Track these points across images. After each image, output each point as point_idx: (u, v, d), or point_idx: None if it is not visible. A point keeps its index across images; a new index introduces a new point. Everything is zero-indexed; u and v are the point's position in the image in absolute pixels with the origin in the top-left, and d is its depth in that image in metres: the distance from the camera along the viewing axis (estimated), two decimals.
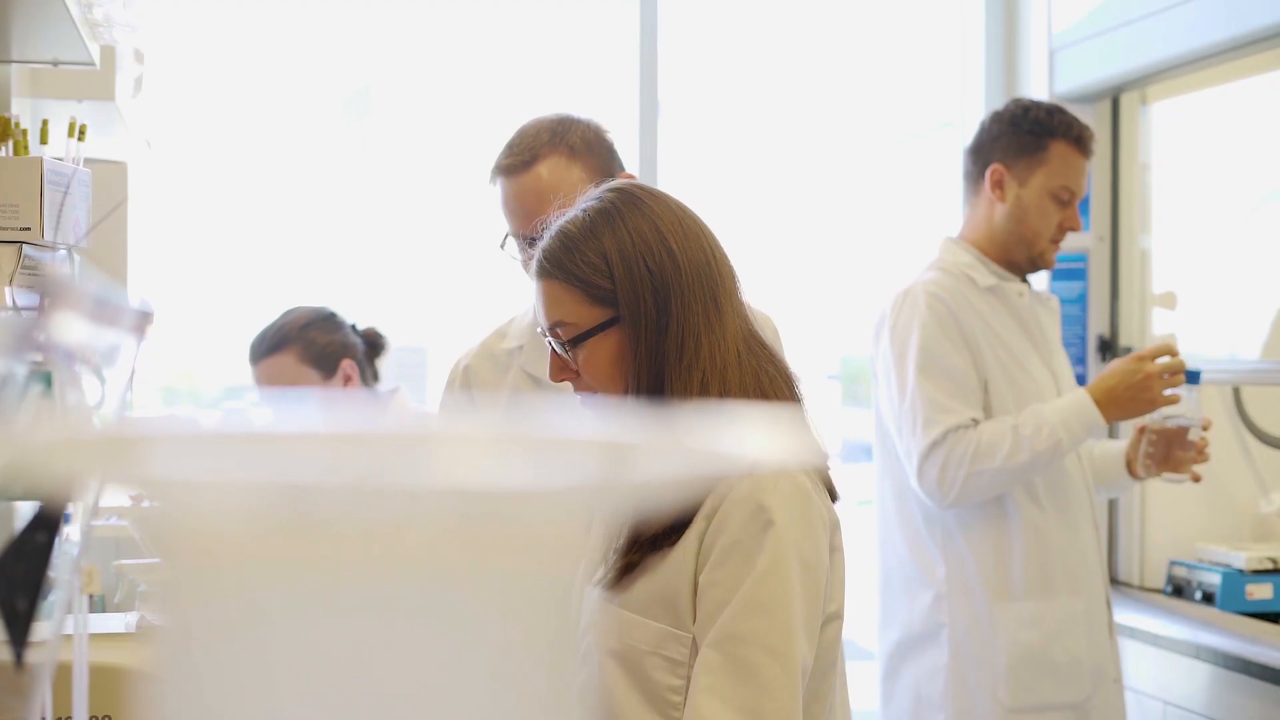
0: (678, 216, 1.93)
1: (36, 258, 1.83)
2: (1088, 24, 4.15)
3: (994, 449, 3.10)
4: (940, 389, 3.15)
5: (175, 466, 0.64)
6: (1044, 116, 3.28)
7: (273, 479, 0.57)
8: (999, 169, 3.27)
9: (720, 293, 1.92)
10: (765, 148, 4.88)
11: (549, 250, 1.94)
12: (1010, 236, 3.29)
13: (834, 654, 1.95)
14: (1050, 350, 3.37)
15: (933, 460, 3.12)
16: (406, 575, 0.58)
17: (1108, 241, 4.28)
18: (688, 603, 1.87)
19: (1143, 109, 4.23)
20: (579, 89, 4.71)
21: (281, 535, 0.57)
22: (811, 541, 1.86)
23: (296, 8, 4.66)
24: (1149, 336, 4.26)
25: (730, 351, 1.90)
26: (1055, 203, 3.26)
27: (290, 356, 3.42)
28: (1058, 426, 3.12)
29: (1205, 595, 3.77)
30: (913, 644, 3.32)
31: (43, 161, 1.76)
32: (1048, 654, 3.21)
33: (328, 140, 4.68)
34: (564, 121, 2.63)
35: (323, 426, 0.68)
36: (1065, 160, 3.27)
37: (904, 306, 3.24)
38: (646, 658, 1.89)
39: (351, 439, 0.67)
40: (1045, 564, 3.22)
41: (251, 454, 0.66)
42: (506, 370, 2.73)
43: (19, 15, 2.03)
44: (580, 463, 0.64)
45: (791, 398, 1.95)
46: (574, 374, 1.96)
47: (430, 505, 0.57)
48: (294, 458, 0.66)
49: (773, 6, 4.89)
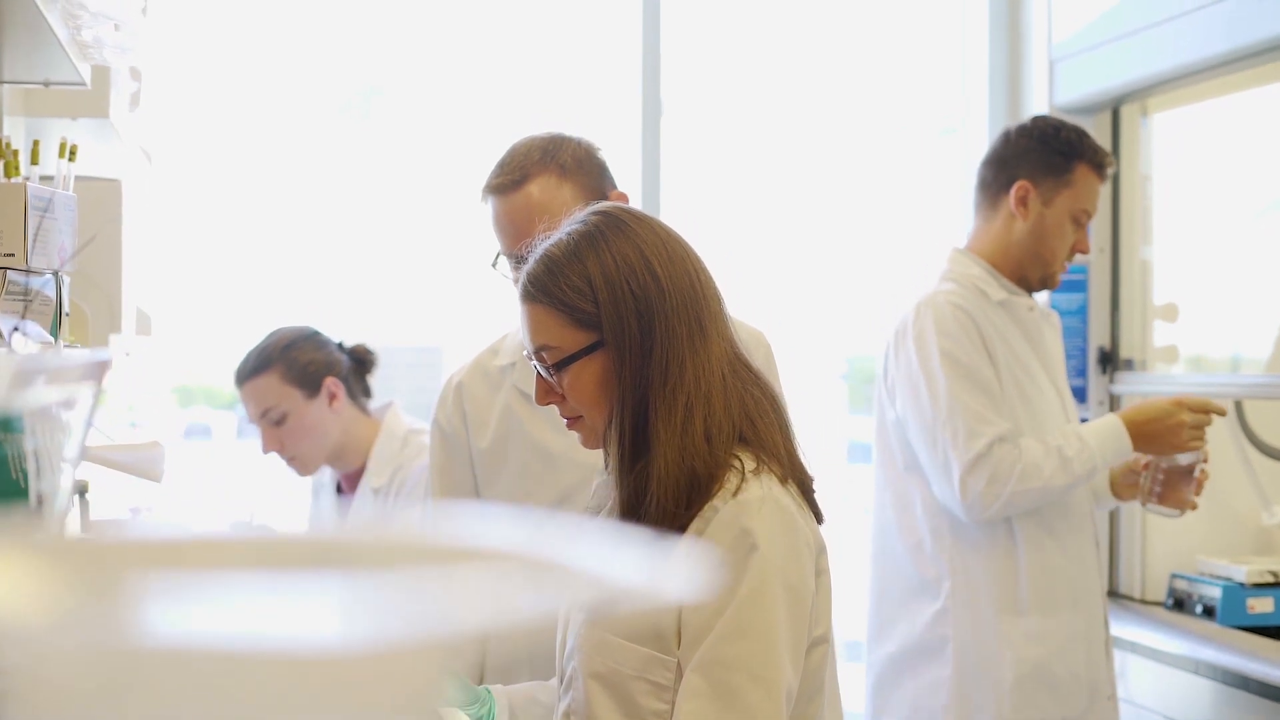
0: (662, 240, 1.93)
1: (22, 282, 1.83)
2: (1088, 35, 4.14)
3: (1039, 468, 3.11)
4: (977, 400, 3.15)
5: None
6: (1075, 138, 3.27)
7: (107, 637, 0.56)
8: (1025, 186, 3.26)
9: (705, 316, 1.92)
10: (768, 150, 4.87)
11: (533, 274, 1.94)
12: (1027, 254, 3.28)
13: (820, 678, 1.94)
14: (1054, 366, 3.37)
15: (978, 473, 3.11)
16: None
17: (1108, 253, 4.27)
18: (672, 627, 1.87)
19: (1143, 120, 4.22)
20: (582, 89, 4.72)
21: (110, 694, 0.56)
22: (796, 565, 1.86)
23: (300, 10, 4.67)
24: (1150, 349, 4.26)
25: (715, 375, 1.90)
26: (1073, 224, 3.27)
27: (274, 377, 3.44)
28: (1095, 451, 3.15)
29: (1206, 609, 3.76)
30: (912, 657, 3.30)
31: (26, 187, 1.76)
32: (1050, 670, 3.20)
33: (338, 140, 4.69)
34: (555, 140, 2.63)
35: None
36: (1088, 184, 3.28)
37: (926, 317, 3.21)
38: (631, 682, 1.89)
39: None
40: (1049, 579, 3.21)
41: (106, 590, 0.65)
42: (499, 388, 2.73)
43: (8, 37, 2.04)
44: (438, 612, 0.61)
45: (777, 421, 1.95)
46: (559, 397, 1.96)
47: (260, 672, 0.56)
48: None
49: (777, 9, 4.88)
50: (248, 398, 3.49)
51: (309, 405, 3.46)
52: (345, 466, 3.57)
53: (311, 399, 3.46)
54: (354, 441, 3.53)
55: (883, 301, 4.48)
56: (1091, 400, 4.25)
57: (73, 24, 2.05)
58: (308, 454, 3.51)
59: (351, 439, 3.53)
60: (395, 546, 0.67)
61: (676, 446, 1.85)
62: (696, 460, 1.85)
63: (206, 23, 4.51)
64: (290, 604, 0.61)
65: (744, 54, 4.84)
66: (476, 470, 2.74)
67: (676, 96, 4.62)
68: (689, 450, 1.85)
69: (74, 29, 2.06)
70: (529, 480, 2.69)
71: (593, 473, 2.11)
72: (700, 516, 1.85)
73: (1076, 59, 4.20)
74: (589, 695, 1.92)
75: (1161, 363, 4.26)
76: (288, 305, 4.59)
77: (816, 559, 1.91)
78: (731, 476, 1.86)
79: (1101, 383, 4.27)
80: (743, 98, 4.84)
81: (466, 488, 2.76)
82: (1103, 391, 4.26)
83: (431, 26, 4.69)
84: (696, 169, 4.75)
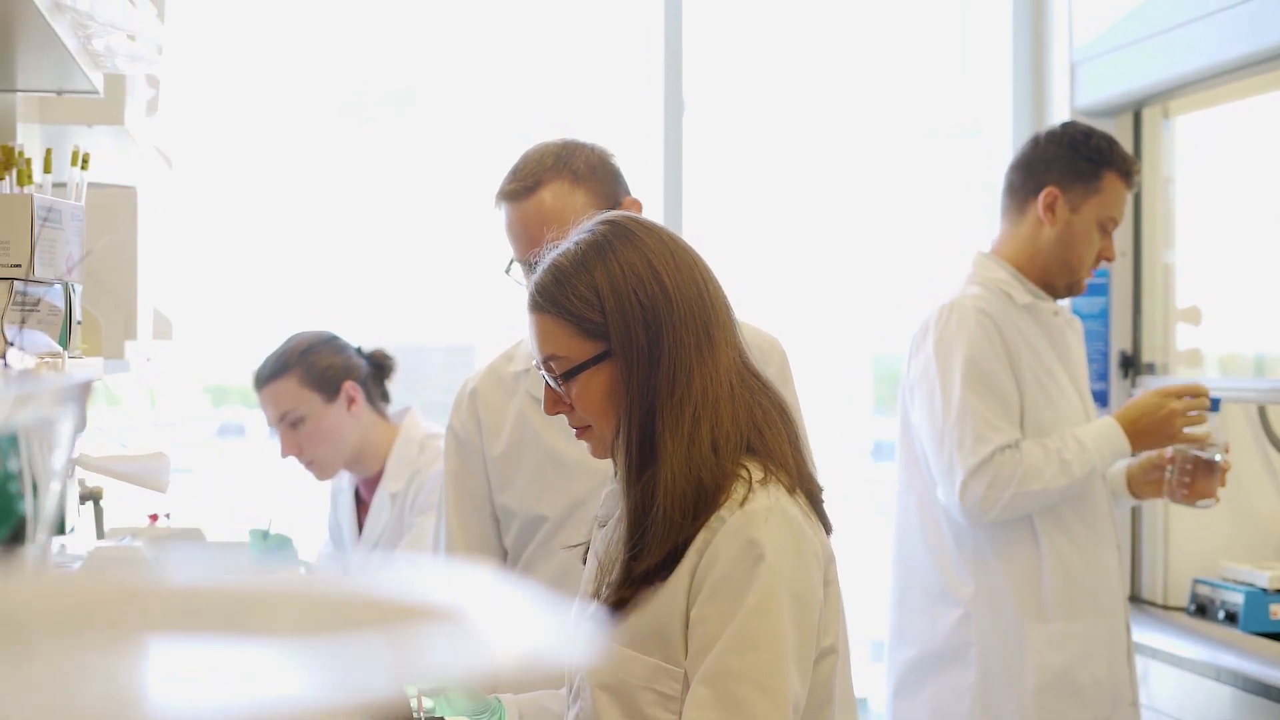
0: (670, 249, 1.92)
1: (31, 292, 1.83)
2: (1110, 37, 4.11)
3: (1039, 471, 3.11)
4: (989, 406, 3.15)
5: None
6: (1104, 146, 3.27)
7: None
8: (1054, 192, 3.25)
9: (713, 325, 1.91)
10: (791, 149, 4.86)
11: (541, 284, 1.93)
12: (1054, 261, 3.28)
13: (830, 689, 1.93)
14: (1077, 371, 3.37)
15: (979, 478, 3.11)
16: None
17: (1130, 256, 4.24)
18: (680, 638, 1.86)
19: (1165, 122, 4.19)
20: (604, 87, 4.72)
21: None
22: (804, 576, 1.85)
23: (338, 10, 4.68)
24: (1173, 352, 4.23)
25: (723, 385, 1.89)
26: (1100, 231, 3.27)
27: (292, 381, 3.46)
28: (1093, 453, 3.15)
29: (1228, 615, 3.73)
30: (934, 661, 3.30)
31: (33, 198, 1.76)
32: (1073, 676, 3.20)
33: (371, 140, 4.70)
34: (568, 146, 2.62)
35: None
36: (1116, 191, 3.27)
37: (950, 320, 3.21)
38: (639, 692, 1.88)
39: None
40: (1071, 585, 3.21)
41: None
42: (513, 394, 2.73)
43: (21, 47, 2.04)
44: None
45: (786, 431, 1.94)
46: (568, 407, 1.95)
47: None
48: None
49: (800, 9, 4.87)
50: (266, 401, 3.50)
51: (328, 409, 3.47)
52: (364, 471, 3.57)
53: (330, 403, 3.47)
54: (372, 446, 3.54)
55: (906, 302, 4.47)
56: (1113, 404, 4.22)
57: (82, 34, 2.05)
58: (326, 458, 3.51)
59: (370, 444, 3.54)
60: (294, 602, 0.66)
61: (683, 457, 1.85)
62: (703, 470, 1.85)
63: (230, 26, 4.52)
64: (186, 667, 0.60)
65: (766, 54, 4.83)
66: (490, 476, 2.74)
67: (699, 95, 4.62)
68: (696, 460, 1.85)
69: (84, 38, 2.06)
70: (542, 486, 2.69)
71: (606, 480, 2.11)
72: (707, 527, 1.85)
73: (1098, 61, 4.18)
74: (596, 705, 1.92)
75: (1185, 366, 4.23)
76: (319, 305, 4.61)
77: (825, 569, 1.90)
78: (738, 487, 1.85)
79: (1124, 387, 4.25)
80: (765, 97, 4.83)
81: (480, 494, 2.76)
82: (1125, 395, 4.24)
83: (462, 26, 4.70)
84: (719, 168, 4.74)
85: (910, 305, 3.60)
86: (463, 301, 4.74)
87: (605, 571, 1.92)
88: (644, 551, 1.86)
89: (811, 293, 4.92)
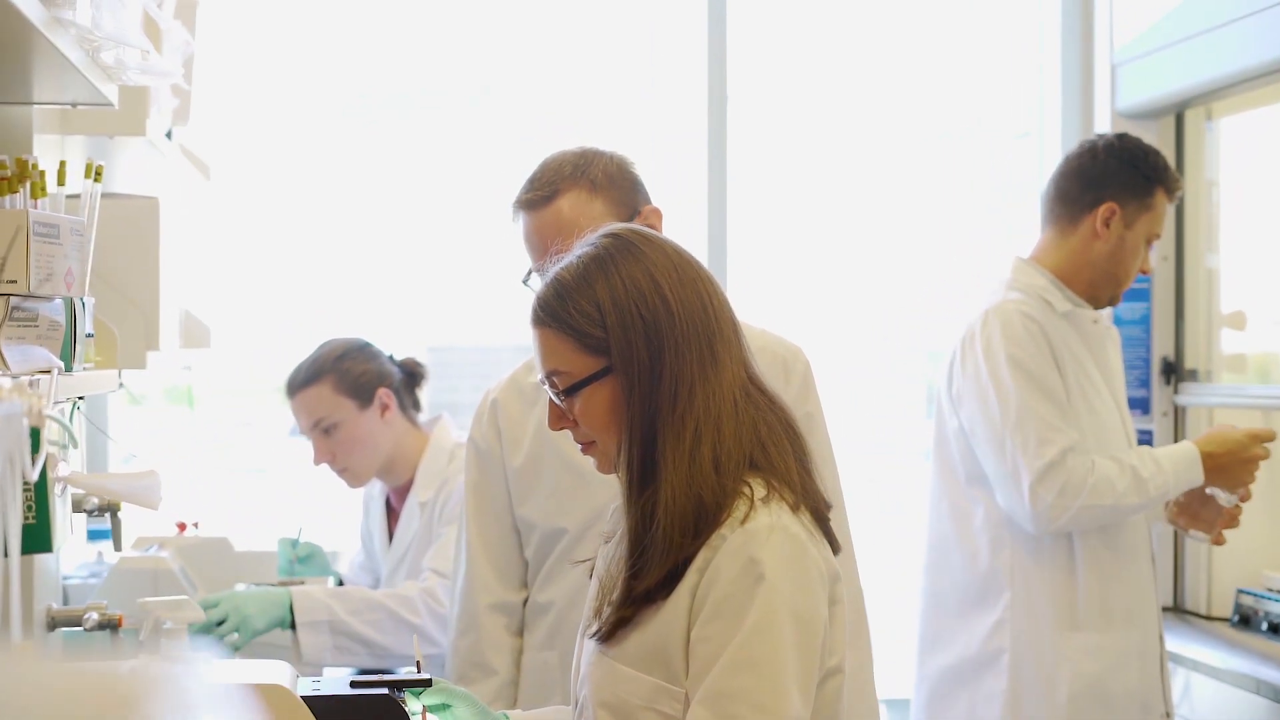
0: (674, 263, 1.90)
1: (29, 308, 1.83)
2: (1150, 38, 4.05)
3: (1112, 484, 3.10)
4: (1046, 409, 3.14)
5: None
6: (1160, 163, 3.27)
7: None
8: (1113, 207, 3.24)
9: (717, 340, 1.88)
10: (835, 146, 4.82)
11: (543, 298, 1.91)
12: (1102, 274, 3.27)
13: (835, 710, 1.90)
14: (1114, 380, 3.34)
15: (1049, 483, 3.08)
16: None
17: (1171, 261, 4.18)
18: (680, 657, 1.84)
19: (1208, 124, 4.12)
20: (648, 81, 4.69)
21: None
22: (806, 595, 1.82)
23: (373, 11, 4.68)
24: (1216, 358, 4.16)
25: (726, 401, 1.86)
26: (1146, 246, 3.27)
27: (326, 387, 3.46)
28: (1170, 476, 3.15)
29: (1272, 626, 3.67)
30: (968, 668, 3.28)
31: (27, 213, 1.76)
32: (1105, 685, 3.18)
33: (405, 141, 4.70)
34: (586, 155, 2.60)
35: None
36: (1163, 208, 3.29)
37: (994, 325, 3.20)
38: (639, 711, 1.86)
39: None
40: (1106, 595, 3.19)
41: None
42: (534, 404, 2.71)
43: (35, 60, 2.04)
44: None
45: (792, 448, 1.91)
46: (572, 423, 1.93)
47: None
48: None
49: (851, 9, 4.83)
50: (299, 408, 3.50)
51: (361, 416, 3.47)
52: (395, 480, 3.57)
53: (364, 410, 3.47)
54: (404, 454, 3.53)
55: (954, 302, 4.42)
56: (1155, 411, 4.16)
57: (89, 47, 2.05)
58: (359, 465, 3.51)
59: (402, 451, 3.53)
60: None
61: (684, 474, 1.82)
62: (704, 488, 1.82)
63: (262, 32, 4.53)
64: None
65: (811, 50, 4.80)
66: (510, 487, 2.73)
67: (743, 93, 4.59)
68: (696, 478, 1.82)
69: (91, 52, 2.05)
70: (562, 498, 2.67)
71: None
72: (708, 545, 1.82)
73: (1139, 63, 4.12)
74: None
75: (1229, 371, 4.16)
76: (357, 307, 4.62)
77: (830, 588, 1.87)
78: (740, 504, 1.82)
79: (1165, 394, 4.19)
80: (814, 97, 4.80)
81: (501, 505, 2.74)
82: (1166, 402, 4.18)
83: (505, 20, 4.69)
84: (764, 167, 4.71)
85: (955, 309, 3.56)
86: (497, 303, 4.72)
87: (607, 590, 1.90)
88: (644, 570, 1.84)
89: (857, 291, 4.88)
